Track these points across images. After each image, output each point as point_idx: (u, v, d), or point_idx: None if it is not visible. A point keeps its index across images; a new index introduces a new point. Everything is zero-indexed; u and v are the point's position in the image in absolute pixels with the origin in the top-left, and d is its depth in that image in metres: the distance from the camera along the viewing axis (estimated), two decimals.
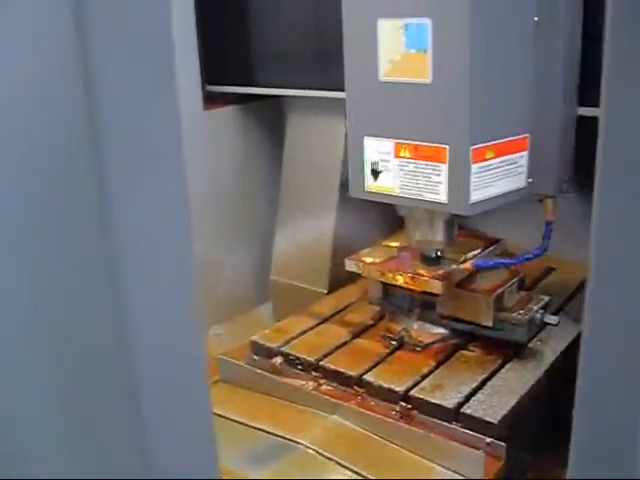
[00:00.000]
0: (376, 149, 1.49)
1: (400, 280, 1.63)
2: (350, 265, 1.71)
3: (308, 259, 2.12)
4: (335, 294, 2.02)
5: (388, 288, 1.76)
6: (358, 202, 1.59)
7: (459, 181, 1.40)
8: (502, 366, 1.64)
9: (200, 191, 2.08)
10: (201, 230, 2.10)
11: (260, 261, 2.29)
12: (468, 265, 1.64)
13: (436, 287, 1.58)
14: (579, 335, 1.76)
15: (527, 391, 1.55)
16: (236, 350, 1.88)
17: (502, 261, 1.66)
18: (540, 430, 1.74)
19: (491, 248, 1.77)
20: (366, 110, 1.51)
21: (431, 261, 1.64)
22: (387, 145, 1.47)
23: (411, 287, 1.62)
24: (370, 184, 1.54)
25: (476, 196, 1.43)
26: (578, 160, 1.59)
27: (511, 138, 1.46)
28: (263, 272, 2.26)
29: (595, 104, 1.46)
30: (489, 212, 2.19)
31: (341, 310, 1.92)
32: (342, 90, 1.55)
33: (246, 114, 2.21)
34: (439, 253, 1.65)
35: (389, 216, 1.72)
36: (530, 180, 1.53)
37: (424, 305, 1.73)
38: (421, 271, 1.63)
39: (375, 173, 1.53)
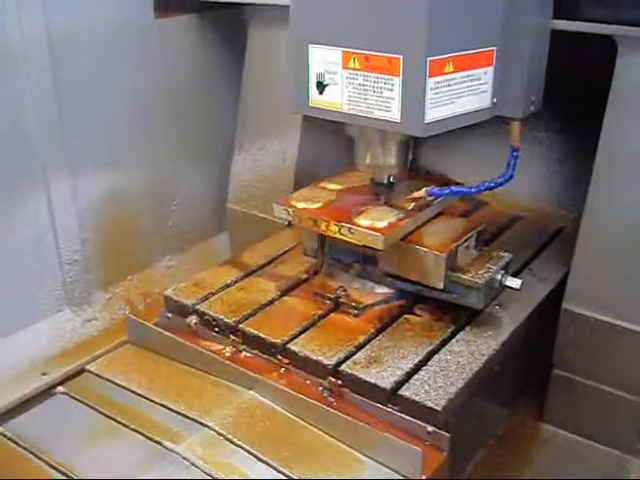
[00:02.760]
0: (322, 59, 1.28)
1: (335, 231, 1.36)
2: (279, 210, 1.44)
3: (268, 186, 1.91)
4: (269, 240, 1.75)
5: (325, 238, 1.49)
6: (326, 124, 1.36)
7: (413, 97, 1.20)
8: (453, 335, 1.39)
9: (151, 109, 1.86)
10: (152, 152, 1.89)
11: (216, 187, 2.08)
12: (422, 193, 1.40)
13: (377, 241, 1.32)
14: (546, 299, 1.54)
15: (479, 369, 1.30)
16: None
17: (458, 189, 1.40)
18: (495, 411, 1.52)
19: None
20: (311, 13, 1.28)
21: (383, 187, 1.43)
22: (334, 54, 1.26)
23: (348, 240, 1.35)
24: (315, 98, 1.32)
25: (432, 115, 1.22)
26: (551, 80, 1.40)
27: (475, 51, 1.25)
28: (219, 200, 2.05)
29: (573, 16, 1.22)
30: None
31: (272, 260, 1.65)
32: None
33: (203, 24, 1.95)
34: (392, 179, 1.42)
35: None
36: (495, 100, 1.32)
37: (365, 260, 1.47)
38: (362, 221, 1.35)
39: (320, 86, 1.30)
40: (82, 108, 1.67)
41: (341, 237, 1.36)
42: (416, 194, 1.41)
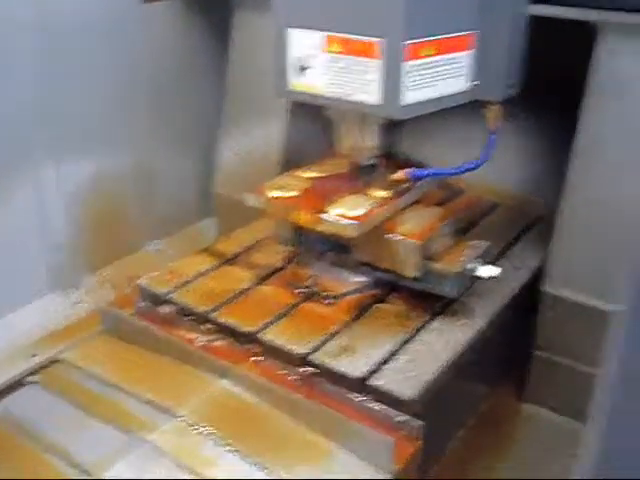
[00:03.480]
0: (302, 42, 1.29)
1: (307, 220, 1.35)
2: (249, 199, 1.42)
3: (254, 171, 1.89)
4: (245, 228, 1.74)
5: (299, 226, 1.47)
6: (313, 108, 1.38)
7: (392, 80, 1.21)
8: (427, 324, 1.38)
9: (136, 92, 1.85)
10: (137, 136, 1.89)
11: (203, 171, 2.08)
12: (401, 174, 1.41)
13: (349, 230, 1.30)
14: (522, 286, 1.54)
15: (453, 358, 1.29)
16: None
17: (439, 171, 1.41)
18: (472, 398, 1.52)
19: None
20: None
21: (364, 170, 1.44)
22: (315, 38, 1.27)
23: (319, 229, 1.34)
24: (295, 82, 1.33)
25: (411, 97, 1.23)
26: (529, 64, 1.40)
27: (454, 34, 1.27)
28: (206, 183, 2.05)
29: (549, 1, 1.24)
30: None
31: (248, 249, 1.64)
32: None
33: (189, 8, 1.95)
34: (372, 161, 1.43)
35: None
36: (474, 83, 1.34)
37: (339, 248, 1.45)
38: (335, 210, 1.34)
39: (301, 69, 1.32)
40: (66, 92, 1.67)
41: (311, 226, 1.34)
42: (396, 176, 1.41)
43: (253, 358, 1.35)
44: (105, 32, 1.73)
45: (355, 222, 1.30)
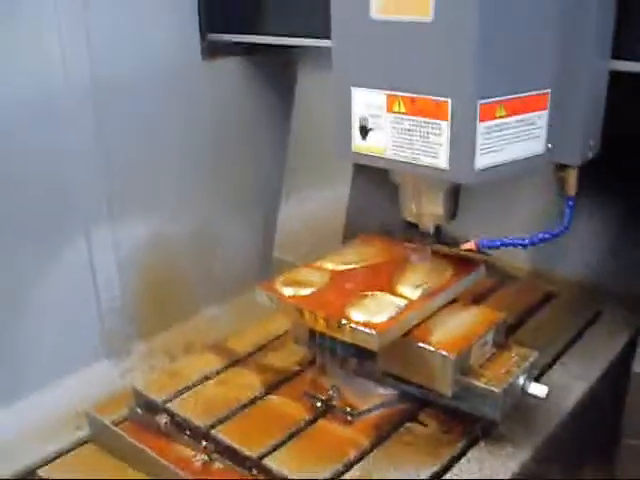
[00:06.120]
0: (365, 102, 1.20)
1: (322, 325, 1.15)
2: (261, 296, 1.23)
3: (317, 235, 1.83)
4: (263, 321, 1.53)
5: None
6: (377, 172, 1.27)
7: (462, 143, 1.12)
8: (464, 452, 1.16)
9: (197, 153, 1.77)
10: (197, 198, 1.81)
11: (262, 236, 1.99)
12: (471, 244, 1.27)
13: (370, 340, 1.10)
14: (580, 403, 1.30)
15: None
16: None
17: (511, 241, 1.27)
18: None
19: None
20: (354, 55, 1.21)
21: (429, 238, 1.32)
22: (378, 97, 1.19)
23: (337, 336, 1.14)
24: (358, 144, 1.23)
25: (483, 162, 1.12)
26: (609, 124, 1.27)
27: (528, 94, 1.16)
28: (265, 249, 1.97)
29: (633, 57, 1.22)
30: None
31: (262, 347, 1.44)
32: None
33: (252, 67, 1.87)
34: (437, 229, 1.31)
35: None
36: (550, 145, 1.21)
37: (363, 354, 1.24)
38: (355, 314, 1.14)
39: (364, 131, 1.22)
40: (126, 155, 1.61)
41: (328, 332, 1.15)
42: (466, 246, 1.28)
43: None
44: (165, 90, 1.66)
45: (377, 331, 1.09)
